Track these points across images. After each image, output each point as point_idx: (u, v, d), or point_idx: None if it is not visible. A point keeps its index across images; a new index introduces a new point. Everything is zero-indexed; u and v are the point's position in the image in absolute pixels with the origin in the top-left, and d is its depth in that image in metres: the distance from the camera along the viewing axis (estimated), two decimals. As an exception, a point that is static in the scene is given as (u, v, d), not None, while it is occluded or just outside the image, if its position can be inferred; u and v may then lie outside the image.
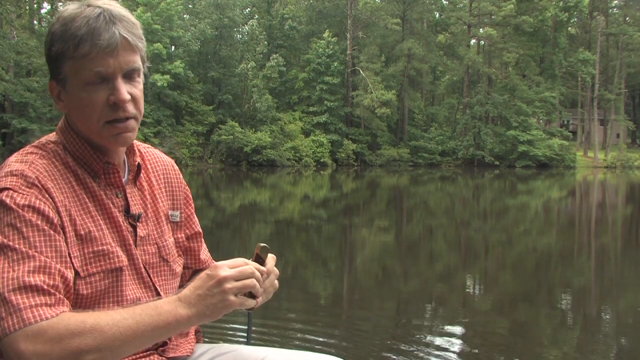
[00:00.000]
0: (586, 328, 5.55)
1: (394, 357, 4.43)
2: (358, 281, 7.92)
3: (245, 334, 4.73)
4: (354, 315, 5.93)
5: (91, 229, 1.29)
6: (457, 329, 5.25)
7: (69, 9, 1.29)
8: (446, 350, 4.58)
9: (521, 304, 6.53)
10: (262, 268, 1.27)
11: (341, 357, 1.49)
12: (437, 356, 4.46)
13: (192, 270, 1.60)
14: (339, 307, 6.34)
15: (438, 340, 4.84)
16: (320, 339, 4.90)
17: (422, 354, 4.55)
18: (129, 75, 1.30)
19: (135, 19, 1.33)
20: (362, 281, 7.90)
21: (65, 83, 1.30)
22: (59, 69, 1.29)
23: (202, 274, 1.24)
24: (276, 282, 1.36)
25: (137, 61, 1.31)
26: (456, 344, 4.78)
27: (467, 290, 7.43)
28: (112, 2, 1.32)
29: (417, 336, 5.10)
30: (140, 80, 1.34)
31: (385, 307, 6.28)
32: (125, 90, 1.28)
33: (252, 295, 1.25)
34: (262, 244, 1.30)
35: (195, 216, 1.62)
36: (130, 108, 1.30)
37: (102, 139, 1.32)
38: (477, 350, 4.65)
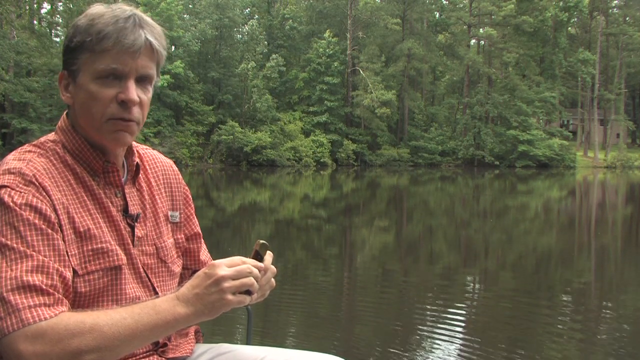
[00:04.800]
0: (586, 327, 5.54)
1: (394, 356, 4.43)
2: (358, 281, 7.92)
3: (245, 334, 4.73)
4: (354, 314, 5.93)
5: (90, 226, 1.29)
6: (458, 329, 5.25)
7: (97, 7, 1.31)
8: (447, 349, 4.58)
9: (521, 303, 6.52)
10: (260, 264, 1.27)
11: (341, 357, 1.49)
12: (437, 356, 4.46)
13: (191, 270, 1.59)
14: (339, 307, 6.33)
15: (439, 340, 4.84)
16: (320, 339, 4.90)
17: (422, 354, 4.55)
18: (142, 80, 1.32)
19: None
20: (362, 281, 7.90)
21: (76, 75, 1.31)
22: (75, 59, 1.30)
23: (200, 273, 1.23)
24: (273, 280, 1.36)
25: (153, 69, 1.33)
26: (457, 344, 4.78)
27: (468, 290, 7.43)
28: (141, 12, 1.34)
29: (418, 336, 5.10)
30: (151, 89, 1.35)
31: (385, 306, 6.28)
32: (135, 91, 1.29)
33: (248, 292, 1.25)
34: (261, 241, 1.30)
35: (195, 217, 1.61)
36: (136, 111, 1.31)
37: (100, 135, 1.32)
38: (477, 351, 4.65)
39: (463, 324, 5.49)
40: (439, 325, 5.32)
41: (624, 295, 7.19)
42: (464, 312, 6.06)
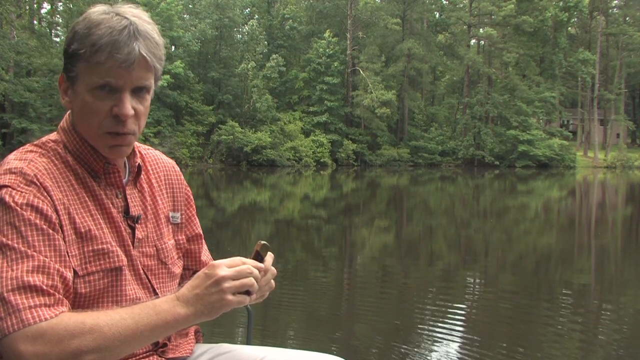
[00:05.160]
0: (586, 327, 5.54)
1: (395, 356, 4.43)
2: (358, 281, 7.92)
3: (245, 334, 4.73)
4: (354, 314, 5.93)
5: (91, 227, 1.29)
6: (458, 328, 5.25)
7: (98, 11, 1.29)
8: (447, 349, 4.58)
9: (521, 303, 6.53)
10: (260, 265, 1.27)
11: (341, 357, 1.49)
12: (438, 355, 4.46)
13: (192, 271, 1.59)
14: (339, 307, 6.34)
15: (439, 340, 4.84)
16: (320, 339, 4.90)
17: (423, 353, 4.55)
18: (138, 91, 1.31)
19: (160, 37, 1.33)
20: (362, 281, 7.90)
21: (74, 81, 1.31)
22: (73, 66, 1.30)
23: (200, 273, 1.23)
24: (272, 281, 1.36)
25: (150, 79, 1.32)
26: (457, 343, 4.78)
27: (468, 289, 7.43)
28: (141, 14, 1.31)
29: (418, 335, 5.10)
30: (148, 97, 1.34)
31: (385, 306, 6.28)
32: (129, 105, 1.28)
33: (248, 292, 1.25)
34: (262, 242, 1.30)
35: (196, 218, 1.61)
36: (131, 124, 1.30)
37: (98, 145, 1.33)
38: (477, 350, 4.65)
39: (463, 324, 5.49)
40: (439, 325, 5.32)
41: (623, 295, 7.19)
42: (464, 311, 6.06)
